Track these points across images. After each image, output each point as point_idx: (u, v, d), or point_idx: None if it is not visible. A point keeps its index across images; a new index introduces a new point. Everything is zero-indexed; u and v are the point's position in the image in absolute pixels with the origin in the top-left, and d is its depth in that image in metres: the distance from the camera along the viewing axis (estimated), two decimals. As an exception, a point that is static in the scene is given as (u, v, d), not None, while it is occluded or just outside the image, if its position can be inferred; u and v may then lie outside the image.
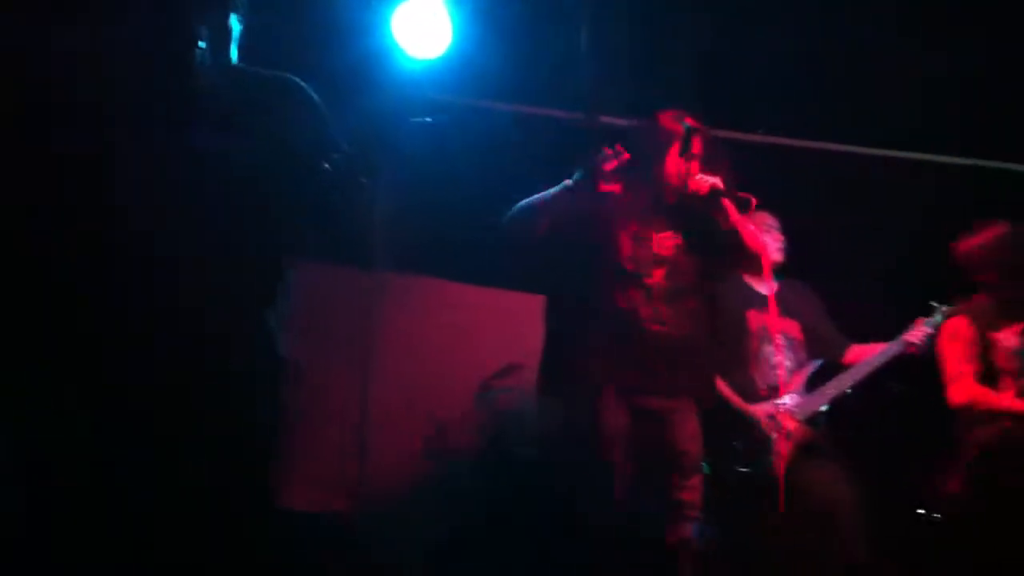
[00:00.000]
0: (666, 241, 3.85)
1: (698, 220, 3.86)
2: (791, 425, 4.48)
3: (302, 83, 2.71)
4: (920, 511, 5.17)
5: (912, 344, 4.60)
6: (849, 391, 4.66)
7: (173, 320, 2.45)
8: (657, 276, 3.79)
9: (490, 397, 5.02)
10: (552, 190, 3.81)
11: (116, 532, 2.39)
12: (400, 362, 5.15)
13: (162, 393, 2.44)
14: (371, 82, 4.57)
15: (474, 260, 5.18)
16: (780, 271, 4.78)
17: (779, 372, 4.62)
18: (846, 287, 5.21)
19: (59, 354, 2.41)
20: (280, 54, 3.99)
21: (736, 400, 4.46)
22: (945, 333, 4.39)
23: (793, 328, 4.71)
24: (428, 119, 4.40)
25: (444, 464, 5.11)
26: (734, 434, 4.45)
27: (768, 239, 4.72)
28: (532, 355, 4.91)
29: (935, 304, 4.66)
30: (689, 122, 3.76)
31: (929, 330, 4.62)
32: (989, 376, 4.26)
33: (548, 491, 4.22)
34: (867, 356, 4.67)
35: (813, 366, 4.67)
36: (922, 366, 4.70)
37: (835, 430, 4.68)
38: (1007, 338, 4.26)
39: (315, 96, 2.69)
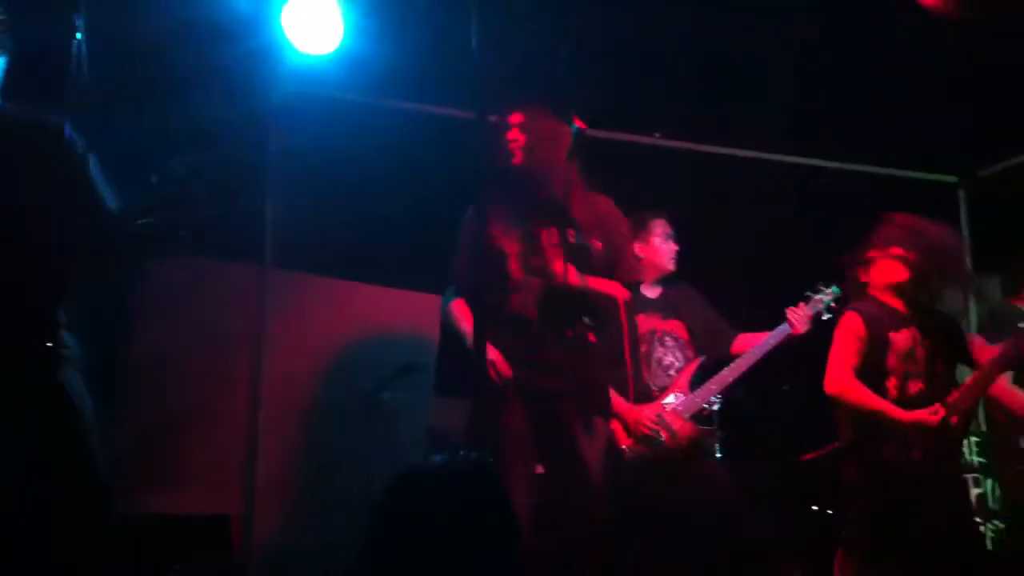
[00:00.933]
0: (556, 241, 3.84)
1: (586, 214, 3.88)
2: (677, 424, 4.53)
3: (63, 130, 2.61)
4: (813, 507, 5.30)
5: (795, 325, 4.71)
6: (735, 385, 4.75)
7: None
8: (554, 278, 3.78)
9: (386, 397, 4.97)
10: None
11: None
12: (292, 361, 5.08)
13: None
14: (261, 79, 4.50)
15: (367, 258, 5.13)
16: (673, 278, 4.85)
17: (670, 373, 4.69)
18: (736, 283, 5.30)
19: None
20: (166, 51, 3.93)
21: (614, 401, 4.49)
22: (841, 324, 4.46)
23: (680, 328, 4.78)
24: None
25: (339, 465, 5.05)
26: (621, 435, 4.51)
27: (664, 248, 4.79)
28: (427, 355, 4.92)
29: (819, 288, 4.79)
30: (577, 123, 3.75)
31: (811, 312, 4.74)
32: (877, 375, 4.34)
33: (449, 494, 4.19)
34: (751, 346, 4.75)
35: (696, 364, 4.73)
36: (811, 365, 4.81)
37: (727, 428, 4.76)
38: (902, 339, 4.34)
39: (76, 145, 2.61)
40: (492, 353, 3.66)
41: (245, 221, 4.86)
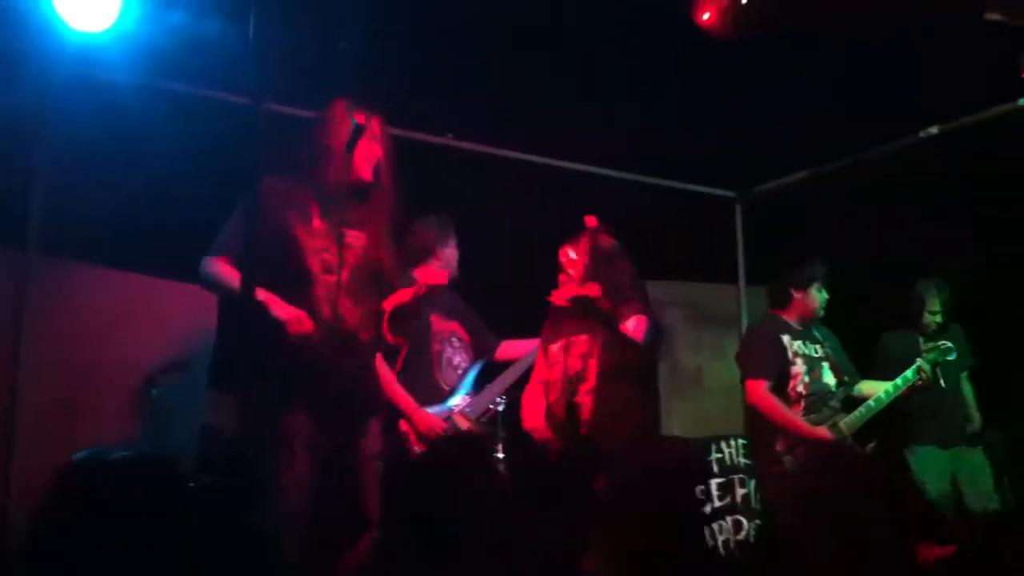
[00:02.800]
0: (348, 238, 3.75)
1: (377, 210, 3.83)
2: (466, 426, 4.55)
3: None
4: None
5: None
6: (516, 386, 4.81)
7: None
8: (340, 275, 3.70)
9: (154, 394, 4.79)
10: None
11: None
12: (56, 352, 4.81)
13: None
14: (29, 56, 4.28)
15: (140, 246, 4.93)
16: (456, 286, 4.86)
17: (458, 372, 4.71)
18: (509, 288, 5.36)
19: None
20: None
21: (406, 404, 4.47)
22: None
23: (460, 330, 4.81)
24: None
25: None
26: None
27: (455, 252, 4.80)
28: (198, 350, 4.77)
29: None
30: (358, 118, 3.70)
31: None
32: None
33: (218, 491, 4.07)
34: (520, 352, 4.83)
35: (478, 365, 4.78)
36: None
37: (510, 429, 4.80)
38: (553, 350, 4.40)
39: None
40: (289, 312, 3.54)
41: (9, 205, 4.61)
